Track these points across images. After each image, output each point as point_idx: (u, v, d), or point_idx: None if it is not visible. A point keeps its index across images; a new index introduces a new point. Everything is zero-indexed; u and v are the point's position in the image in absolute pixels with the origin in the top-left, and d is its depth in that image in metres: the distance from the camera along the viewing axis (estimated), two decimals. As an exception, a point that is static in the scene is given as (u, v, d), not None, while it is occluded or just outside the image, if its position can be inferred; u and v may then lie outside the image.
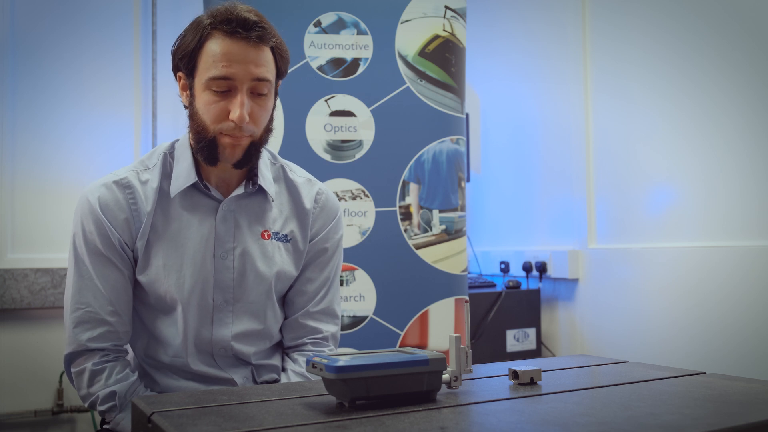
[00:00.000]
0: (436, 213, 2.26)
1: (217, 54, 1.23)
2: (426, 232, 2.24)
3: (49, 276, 2.58)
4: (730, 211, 2.26)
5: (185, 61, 1.28)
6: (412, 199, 2.24)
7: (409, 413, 0.86)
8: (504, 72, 3.28)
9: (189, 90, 1.30)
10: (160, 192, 1.32)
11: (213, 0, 2.13)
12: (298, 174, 1.46)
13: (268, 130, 1.33)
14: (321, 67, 2.22)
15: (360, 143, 2.22)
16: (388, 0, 2.27)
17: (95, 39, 2.75)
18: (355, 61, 2.24)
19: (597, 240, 2.76)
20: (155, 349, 1.35)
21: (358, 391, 0.89)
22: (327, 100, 2.22)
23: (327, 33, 2.24)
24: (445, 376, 1.00)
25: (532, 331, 2.80)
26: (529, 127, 3.12)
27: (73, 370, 1.31)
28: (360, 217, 2.21)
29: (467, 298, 1.09)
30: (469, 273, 2.79)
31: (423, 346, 2.21)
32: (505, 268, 3.11)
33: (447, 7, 2.29)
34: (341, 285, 2.15)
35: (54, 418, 2.61)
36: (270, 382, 1.41)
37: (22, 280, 2.54)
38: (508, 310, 2.75)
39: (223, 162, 1.29)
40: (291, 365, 1.41)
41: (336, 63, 2.23)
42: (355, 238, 2.19)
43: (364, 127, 2.23)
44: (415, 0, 2.27)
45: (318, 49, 2.23)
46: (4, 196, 2.58)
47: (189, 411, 0.89)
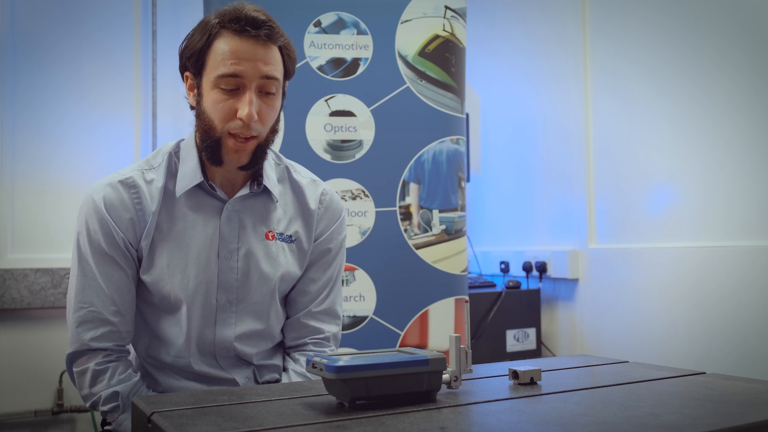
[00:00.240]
0: (436, 213, 2.26)
1: (225, 52, 1.23)
2: (426, 232, 2.24)
3: (49, 276, 2.58)
4: (730, 211, 2.26)
5: (193, 60, 1.28)
6: (412, 199, 2.24)
7: (409, 413, 0.86)
8: (504, 72, 3.28)
9: (197, 89, 1.29)
10: (165, 192, 1.32)
11: (213, 0, 2.13)
12: (303, 174, 1.46)
13: (274, 131, 1.32)
14: (321, 67, 2.22)
15: (360, 143, 2.22)
16: (388, 0, 2.27)
17: (95, 39, 2.75)
18: (355, 61, 2.24)
19: (597, 240, 2.76)
20: (157, 349, 1.35)
21: (358, 391, 0.89)
22: (327, 100, 2.22)
23: (327, 33, 2.24)
24: (445, 376, 1.00)
25: (532, 331, 2.80)
26: (529, 127, 3.12)
27: (75, 370, 1.30)
28: (360, 217, 2.21)
29: (467, 298, 1.09)
30: (469, 273, 2.79)
31: (423, 346, 2.21)
32: (505, 268, 3.11)
33: (447, 7, 2.29)
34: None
35: (54, 418, 2.61)
36: (271, 382, 1.41)
37: (22, 280, 2.54)
38: (508, 310, 2.75)
39: (228, 164, 1.30)
40: (292, 365, 1.41)
41: (336, 63, 2.23)
42: (355, 238, 2.19)
43: (364, 127, 2.23)
44: (415, 0, 2.27)
45: (318, 49, 2.23)
46: (4, 196, 2.58)
47: (189, 411, 0.89)
